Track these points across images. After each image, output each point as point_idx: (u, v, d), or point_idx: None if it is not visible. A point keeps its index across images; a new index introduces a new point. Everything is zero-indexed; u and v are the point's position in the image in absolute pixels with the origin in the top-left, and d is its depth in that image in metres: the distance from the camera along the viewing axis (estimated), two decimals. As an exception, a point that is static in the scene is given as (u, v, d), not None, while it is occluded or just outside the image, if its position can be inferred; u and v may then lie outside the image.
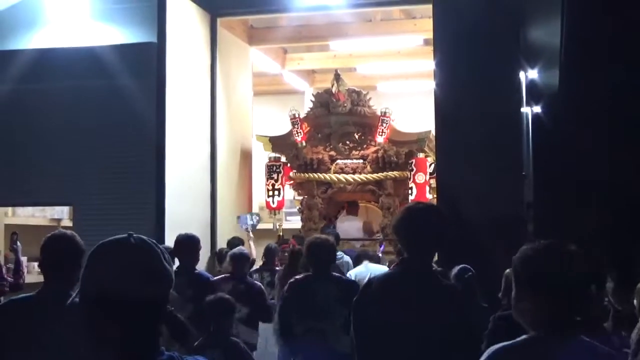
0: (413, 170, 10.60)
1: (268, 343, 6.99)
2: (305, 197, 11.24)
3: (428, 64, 10.16)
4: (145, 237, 1.70)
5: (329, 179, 11.09)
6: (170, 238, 6.82)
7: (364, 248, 9.81)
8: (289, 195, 12.14)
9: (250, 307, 6.57)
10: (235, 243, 9.07)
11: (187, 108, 9.81)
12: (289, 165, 11.34)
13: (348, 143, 11.23)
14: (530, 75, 8.91)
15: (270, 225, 11.48)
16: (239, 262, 6.75)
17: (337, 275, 5.69)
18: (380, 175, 10.88)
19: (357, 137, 11.19)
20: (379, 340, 3.10)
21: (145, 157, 9.26)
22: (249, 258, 7.15)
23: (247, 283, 6.74)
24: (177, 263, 6.12)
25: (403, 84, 14.54)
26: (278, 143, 11.39)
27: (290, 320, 5.25)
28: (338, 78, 10.84)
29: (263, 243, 9.33)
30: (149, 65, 9.25)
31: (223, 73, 10.86)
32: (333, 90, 10.86)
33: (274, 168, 11.36)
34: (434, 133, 8.73)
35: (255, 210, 12.60)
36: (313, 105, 11.36)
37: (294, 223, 12.21)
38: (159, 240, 8.07)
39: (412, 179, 10.59)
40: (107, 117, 9.65)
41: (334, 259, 5.71)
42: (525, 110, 8.77)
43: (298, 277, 5.49)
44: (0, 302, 5.91)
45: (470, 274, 5.17)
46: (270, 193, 11.32)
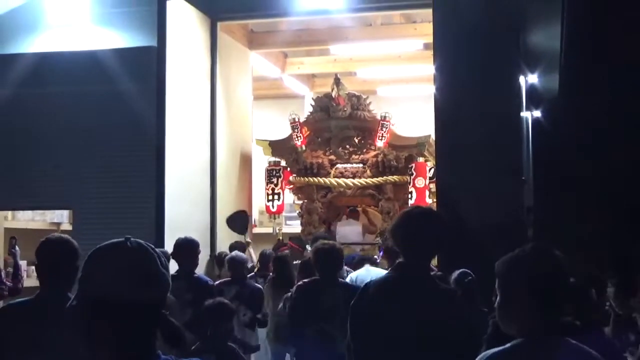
0: (413, 175, 10.60)
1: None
2: (305, 201, 11.23)
3: (428, 68, 10.17)
4: (142, 240, 1.71)
5: (329, 183, 11.08)
6: (170, 242, 6.81)
7: (364, 252, 9.79)
8: (289, 200, 12.13)
9: (254, 310, 6.61)
10: (238, 247, 9.07)
11: (187, 112, 9.81)
12: (289, 170, 11.33)
13: (348, 147, 11.22)
14: (530, 80, 8.91)
15: (270, 230, 11.47)
16: (237, 266, 6.76)
17: (344, 281, 5.76)
18: (380, 180, 10.87)
19: (357, 141, 11.19)
20: (376, 344, 3.09)
21: (145, 160, 9.25)
22: (246, 261, 7.15)
23: (250, 287, 6.76)
24: (175, 267, 6.11)
25: (403, 88, 14.53)
26: (278, 147, 11.39)
27: (300, 323, 5.28)
28: (338, 82, 10.84)
29: (263, 247, 9.31)
30: (149, 69, 9.25)
31: (223, 77, 10.86)
32: (333, 95, 10.86)
33: (274, 172, 11.35)
34: (434, 137, 8.73)
35: (256, 215, 12.61)
36: (313, 110, 11.36)
37: (294, 227, 12.20)
38: (159, 244, 8.09)
39: (411, 183, 10.58)
40: (107, 120, 9.65)
41: (341, 265, 5.77)
42: (525, 115, 8.78)
43: (306, 280, 5.51)
44: (-1, 306, 5.88)
45: (470, 278, 5.17)
46: (270, 197, 11.31)
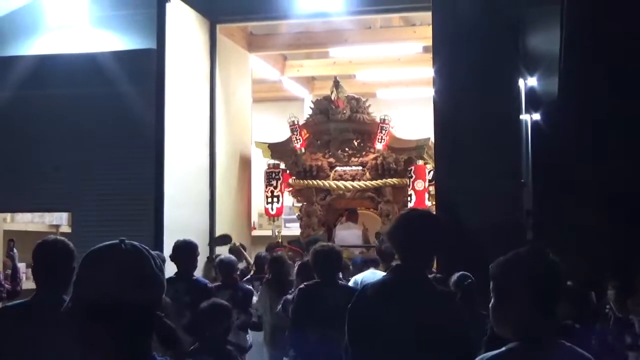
0: (412, 177, 10.59)
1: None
2: (304, 203, 11.23)
3: (427, 71, 10.16)
4: (137, 243, 1.71)
5: (328, 186, 11.07)
6: (169, 244, 6.79)
7: (364, 254, 9.79)
8: (288, 202, 12.12)
9: (247, 314, 6.58)
10: (237, 250, 9.07)
11: (186, 114, 9.80)
12: (288, 172, 11.33)
13: (347, 150, 11.22)
14: (530, 82, 8.93)
15: (269, 232, 11.46)
16: (226, 269, 6.72)
17: (344, 283, 5.72)
18: (379, 182, 10.87)
19: (356, 144, 11.19)
20: (373, 347, 3.09)
21: (144, 163, 9.25)
22: (235, 264, 7.08)
23: (242, 290, 6.73)
24: (174, 269, 6.10)
25: (402, 91, 14.53)
26: (277, 150, 11.39)
27: (303, 326, 5.23)
28: (337, 85, 10.84)
29: (262, 250, 9.30)
30: (149, 72, 9.25)
31: (222, 80, 10.85)
32: (332, 97, 10.86)
33: (273, 175, 11.35)
34: (433, 140, 8.73)
35: (255, 217, 12.61)
36: (312, 112, 11.35)
37: (293, 230, 12.19)
38: (158, 247, 8.08)
39: (411, 186, 10.58)
40: (106, 123, 9.65)
41: (340, 266, 5.72)
42: (525, 117, 8.78)
43: (308, 283, 5.46)
44: (-2, 308, 5.85)
45: (470, 281, 5.16)
46: (269, 200, 11.30)
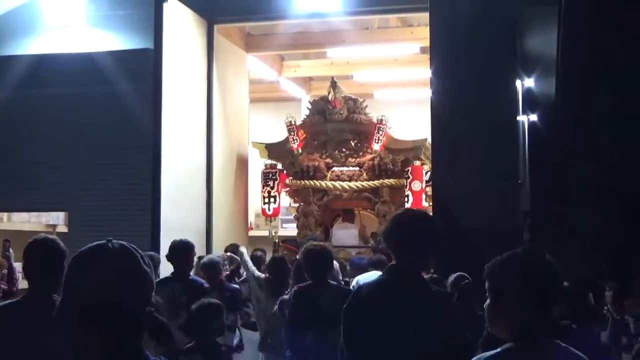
0: (409, 178, 10.59)
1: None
2: (301, 204, 11.22)
3: (425, 72, 10.18)
4: (125, 242, 1.70)
5: (325, 186, 11.07)
6: (166, 244, 6.79)
7: (360, 255, 9.78)
8: (285, 203, 12.12)
9: (235, 313, 6.59)
10: (234, 250, 9.04)
11: (183, 114, 9.79)
12: (285, 172, 11.32)
13: (344, 150, 11.22)
14: (527, 84, 8.93)
15: (266, 233, 11.45)
16: (210, 271, 6.68)
17: (335, 284, 5.60)
18: (377, 183, 10.87)
19: (353, 144, 11.19)
20: (369, 347, 3.08)
21: (141, 162, 9.24)
22: (218, 264, 7.04)
23: (229, 289, 6.71)
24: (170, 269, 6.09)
25: (400, 92, 14.55)
26: (274, 150, 11.38)
27: (300, 329, 5.16)
28: (335, 85, 10.84)
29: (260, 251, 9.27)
30: (146, 72, 9.24)
31: (220, 80, 10.85)
32: (330, 98, 10.85)
33: (270, 175, 11.34)
34: (430, 141, 8.73)
35: (252, 218, 12.61)
36: (309, 113, 11.35)
37: (290, 230, 12.19)
38: (154, 247, 8.08)
39: (408, 187, 10.58)
40: (103, 122, 9.64)
41: (332, 266, 5.61)
42: (522, 119, 8.79)
43: (302, 285, 5.37)
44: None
45: (467, 282, 5.16)
46: (266, 200, 11.29)
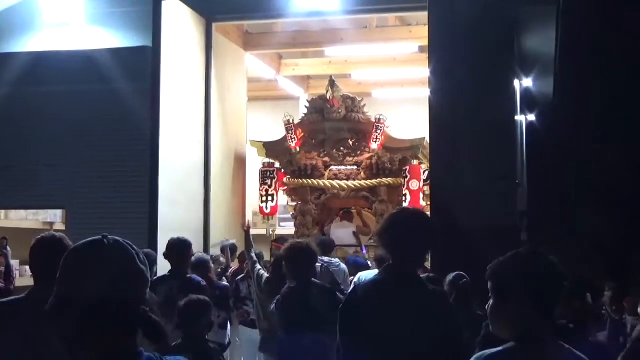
0: (407, 177, 10.60)
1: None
2: (299, 203, 11.22)
3: (423, 71, 10.19)
4: (120, 238, 1.69)
5: (323, 185, 11.06)
6: (163, 242, 6.77)
7: (356, 253, 9.80)
8: (283, 201, 12.12)
9: (226, 310, 6.60)
10: (232, 248, 9.04)
11: (181, 112, 9.79)
12: (283, 171, 11.32)
13: (342, 149, 11.21)
14: (525, 84, 8.94)
15: (264, 231, 11.45)
16: (199, 270, 6.64)
17: (319, 282, 5.40)
18: (374, 182, 10.87)
19: (351, 143, 11.18)
20: (366, 346, 3.07)
21: (139, 160, 9.24)
22: (208, 262, 7.03)
23: (218, 287, 6.71)
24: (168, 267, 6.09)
25: (398, 91, 14.56)
26: (272, 148, 11.38)
27: (287, 330, 5.11)
28: (333, 84, 10.83)
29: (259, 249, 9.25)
30: (144, 70, 9.24)
31: (218, 78, 10.85)
32: (328, 97, 10.85)
33: (268, 173, 11.34)
34: (428, 140, 8.73)
35: (249, 216, 12.59)
36: (308, 111, 11.34)
37: (288, 229, 12.18)
38: (152, 245, 8.07)
39: (406, 186, 10.59)
40: (101, 120, 9.63)
41: (314, 265, 5.38)
42: (520, 118, 8.80)
43: (293, 285, 5.29)
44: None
45: (465, 281, 5.16)
46: (264, 198, 11.29)
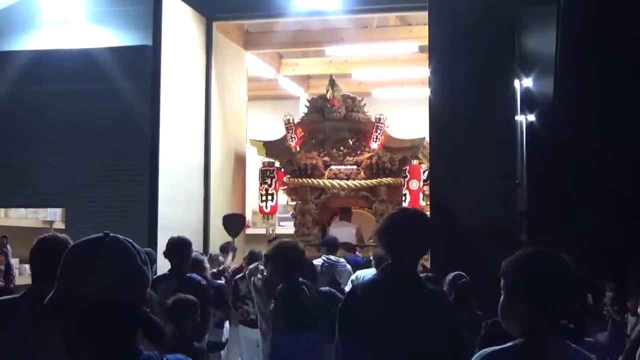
0: (407, 177, 10.61)
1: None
2: (299, 202, 11.22)
3: (423, 71, 10.18)
4: (121, 236, 1.68)
5: (323, 185, 11.07)
6: (163, 241, 6.78)
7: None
8: (283, 201, 12.12)
9: (223, 309, 6.61)
10: (229, 248, 9.05)
11: (181, 111, 9.79)
12: (283, 170, 11.32)
13: (342, 149, 11.21)
14: (525, 84, 8.93)
15: (264, 230, 11.45)
16: (194, 269, 6.61)
17: (307, 282, 5.22)
18: (374, 182, 10.87)
19: (351, 143, 11.18)
20: (365, 346, 3.07)
21: (139, 159, 9.24)
22: (203, 262, 7.02)
23: (215, 287, 6.72)
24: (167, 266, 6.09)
25: (398, 91, 14.55)
26: (272, 148, 11.37)
27: (280, 331, 5.07)
28: (333, 84, 10.83)
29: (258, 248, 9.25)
30: (144, 68, 9.25)
31: (218, 77, 10.85)
32: (328, 96, 10.84)
33: (268, 173, 11.34)
34: (428, 140, 8.73)
35: (249, 215, 12.60)
36: (308, 111, 11.34)
37: (287, 228, 12.18)
38: (151, 244, 8.07)
39: (405, 186, 10.60)
40: (101, 119, 9.63)
41: (301, 265, 5.18)
42: (520, 118, 8.79)
43: (285, 286, 5.22)
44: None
45: (464, 281, 5.17)
46: (264, 198, 11.29)
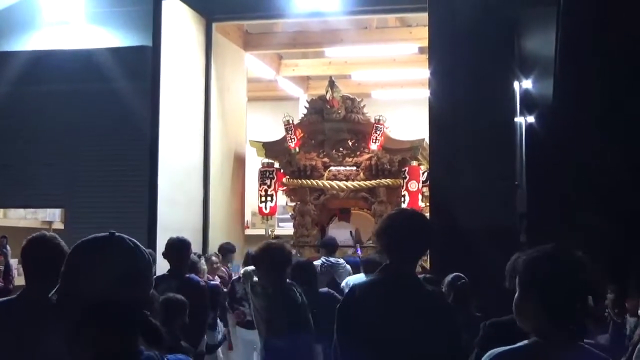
0: (406, 178, 10.61)
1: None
2: (298, 203, 11.21)
3: (423, 72, 10.19)
4: (127, 236, 1.68)
5: (322, 186, 11.06)
6: (162, 242, 6.78)
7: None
8: (282, 201, 12.12)
9: (215, 310, 6.62)
10: (228, 248, 9.05)
11: (181, 112, 9.78)
12: (282, 171, 11.32)
13: (342, 150, 11.21)
14: (525, 85, 8.94)
15: (263, 231, 11.45)
16: (190, 270, 6.60)
17: (294, 283, 5.10)
18: (373, 183, 10.86)
19: (350, 144, 11.18)
20: (363, 346, 3.07)
21: (139, 160, 9.24)
22: (197, 263, 7.02)
23: (209, 287, 6.71)
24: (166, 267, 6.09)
25: (397, 92, 14.55)
26: (272, 149, 11.37)
27: (269, 333, 5.00)
28: (333, 85, 10.83)
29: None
30: (144, 69, 9.24)
31: (218, 78, 10.84)
32: (327, 97, 10.85)
33: (267, 174, 11.34)
34: (428, 141, 8.73)
35: (248, 216, 12.61)
36: (307, 112, 11.34)
37: (287, 229, 12.18)
38: (151, 244, 8.07)
39: (405, 187, 10.60)
40: (100, 119, 9.63)
41: (288, 266, 5.06)
42: (519, 120, 8.80)
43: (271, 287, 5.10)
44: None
45: (463, 282, 5.17)
46: (263, 199, 11.29)
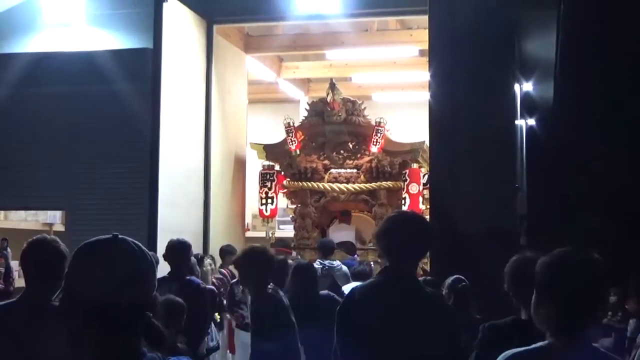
0: (407, 181, 10.61)
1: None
2: (299, 205, 11.22)
3: (423, 75, 10.20)
4: (130, 238, 1.69)
5: (323, 188, 11.06)
6: (162, 244, 6.78)
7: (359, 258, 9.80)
8: (282, 204, 12.12)
9: (213, 311, 6.65)
10: (228, 251, 9.05)
11: (181, 114, 9.79)
12: (283, 174, 11.32)
13: (342, 152, 11.21)
14: (525, 88, 8.95)
15: (263, 234, 11.45)
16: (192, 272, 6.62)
17: (276, 287, 4.92)
18: (374, 185, 10.87)
19: (351, 146, 11.18)
20: (364, 348, 3.07)
21: (139, 162, 9.24)
22: (194, 267, 7.02)
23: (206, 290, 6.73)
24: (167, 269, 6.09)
25: (398, 95, 14.56)
26: (272, 151, 11.38)
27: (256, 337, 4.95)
28: (333, 87, 10.84)
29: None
30: (145, 71, 9.25)
31: (218, 80, 10.85)
32: (328, 99, 10.85)
33: (268, 176, 11.34)
34: (428, 144, 8.74)
35: (249, 219, 12.61)
36: (308, 114, 11.35)
37: (287, 232, 12.19)
38: (151, 247, 8.07)
39: (405, 189, 10.60)
40: (101, 122, 9.64)
41: (269, 270, 4.86)
42: (520, 122, 8.80)
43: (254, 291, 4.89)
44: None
45: (464, 284, 5.17)
46: (264, 201, 11.29)
